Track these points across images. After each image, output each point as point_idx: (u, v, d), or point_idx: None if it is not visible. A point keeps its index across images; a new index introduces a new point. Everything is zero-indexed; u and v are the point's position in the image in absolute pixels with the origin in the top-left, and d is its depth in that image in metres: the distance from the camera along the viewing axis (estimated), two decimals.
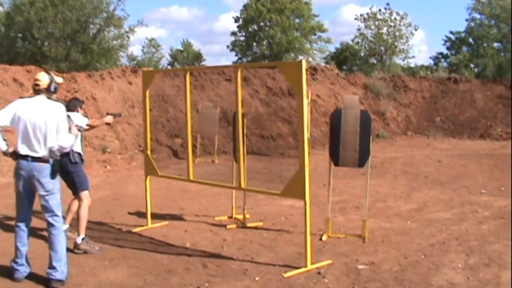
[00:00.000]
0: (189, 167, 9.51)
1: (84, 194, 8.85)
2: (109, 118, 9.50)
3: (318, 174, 15.05)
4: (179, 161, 19.52)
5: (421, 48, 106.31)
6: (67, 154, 8.25)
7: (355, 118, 9.40)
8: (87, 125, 9.08)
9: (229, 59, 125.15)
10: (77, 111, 9.05)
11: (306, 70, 7.45)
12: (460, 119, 32.46)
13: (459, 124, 32.13)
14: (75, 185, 8.85)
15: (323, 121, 26.58)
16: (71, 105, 9.02)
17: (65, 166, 8.47)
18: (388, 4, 71.10)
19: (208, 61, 74.40)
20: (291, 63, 8.38)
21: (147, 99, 10.23)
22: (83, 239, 8.69)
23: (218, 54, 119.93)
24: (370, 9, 59.40)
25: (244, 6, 58.51)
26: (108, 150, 18.57)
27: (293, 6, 57.16)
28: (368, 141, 9.41)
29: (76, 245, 8.66)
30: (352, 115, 9.42)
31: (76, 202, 9.00)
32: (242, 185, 8.70)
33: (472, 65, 52.62)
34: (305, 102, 7.53)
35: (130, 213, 11.54)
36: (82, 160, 8.95)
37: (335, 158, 9.53)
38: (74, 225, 8.95)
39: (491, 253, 8.82)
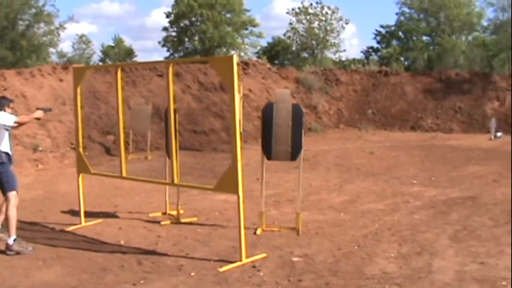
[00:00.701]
0: (122, 164, 9.43)
1: (12, 195, 8.63)
2: (39, 113, 9.26)
3: (251, 168, 15.04)
4: (111, 158, 19.30)
5: (352, 42, 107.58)
6: None
7: (287, 112, 9.44)
8: (15, 122, 8.88)
9: (161, 54, 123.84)
10: (5, 110, 8.85)
11: (238, 64, 7.45)
12: (391, 111, 32.99)
13: (390, 116, 32.66)
14: (3, 185, 8.67)
15: (256, 116, 26.62)
16: None
17: None
18: None
19: (140, 57, 73.74)
20: (223, 58, 8.38)
21: (79, 96, 10.10)
22: (14, 240, 8.49)
23: (150, 50, 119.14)
24: (301, 3, 59.64)
25: (176, 1, 58.08)
26: (40, 148, 18.27)
27: (224, 1, 56.99)
28: (300, 134, 9.46)
29: (8, 247, 8.47)
30: (284, 109, 9.46)
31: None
32: (175, 181, 8.66)
33: (402, 59, 53.45)
34: (237, 96, 7.54)
35: (63, 212, 11.35)
36: (10, 160, 8.76)
37: (268, 152, 9.56)
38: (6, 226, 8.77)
39: (422, 242, 9.00)
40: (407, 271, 7.55)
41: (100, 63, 62.16)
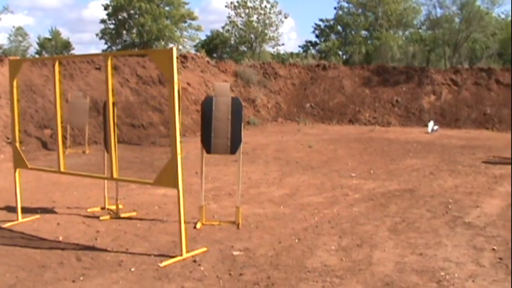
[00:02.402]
0: (60, 159, 9.27)
1: None
2: None
3: (190, 162, 15.03)
4: (49, 152, 18.98)
5: (290, 36, 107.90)
6: None
7: (226, 105, 9.42)
8: None
9: (98, 47, 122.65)
10: None
11: (177, 58, 7.41)
12: (329, 105, 33.22)
13: (328, 109, 32.90)
14: None
15: (194, 109, 26.57)
16: None
17: None
18: None
19: (77, 50, 73.07)
20: (162, 50, 8.30)
21: (15, 90, 9.90)
22: None
23: (87, 42, 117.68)
24: None
25: None
26: None
27: None
28: (240, 128, 9.45)
29: None
30: (224, 102, 9.44)
31: None
32: (114, 175, 8.56)
33: (340, 53, 53.94)
34: (176, 89, 7.48)
35: None
36: None
37: (207, 145, 9.52)
38: None
39: (362, 234, 9.09)
40: (348, 264, 7.62)
41: (37, 56, 61.18)
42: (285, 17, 56.13)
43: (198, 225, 9.54)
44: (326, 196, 12.27)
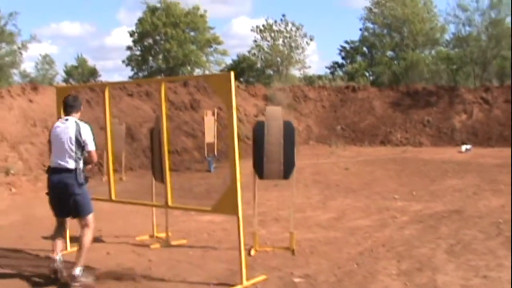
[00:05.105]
0: (111, 187, 9.18)
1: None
2: None
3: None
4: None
5: (312, 59, 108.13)
6: None
7: (278, 129, 9.27)
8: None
9: (122, 74, 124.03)
10: (73, 115, 8.23)
11: (207, 83, 7.30)
12: (360, 126, 33.13)
13: (360, 131, 32.79)
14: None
15: (226, 134, 26.43)
16: None
17: None
18: (283, 15, 72.15)
19: (102, 77, 73.00)
20: (219, 75, 8.20)
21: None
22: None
23: (111, 70, 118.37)
24: (265, 20, 59.52)
25: (139, 20, 57.91)
26: (12, 171, 17.82)
27: (188, 19, 56.96)
28: (293, 152, 9.29)
29: (73, 278, 7.76)
30: (276, 126, 9.29)
31: None
32: (170, 203, 8.42)
33: (367, 74, 53.76)
34: (234, 114, 7.35)
35: (44, 238, 10.78)
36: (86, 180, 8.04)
37: (260, 170, 9.35)
38: None
39: (420, 257, 8.88)
40: None
41: (64, 84, 61.45)
42: (311, 40, 55.85)
43: (252, 252, 9.34)
44: (374, 219, 12.09)
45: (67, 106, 8.33)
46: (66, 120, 8.14)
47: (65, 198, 7.89)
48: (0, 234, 9.07)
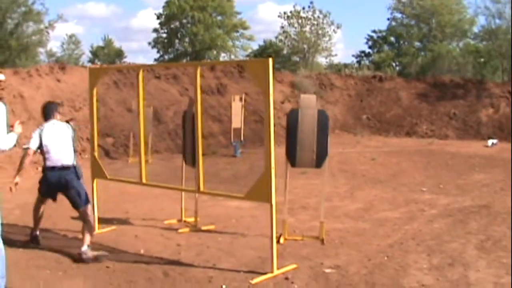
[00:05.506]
0: (142, 170, 9.15)
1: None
2: None
3: (255, 175, 14.83)
4: (111, 161, 19.01)
5: (338, 47, 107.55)
6: None
7: (312, 117, 9.19)
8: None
9: (146, 56, 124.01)
10: (55, 117, 8.88)
11: (234, 67, 7.20)
12: (386, 116, 32.91)
13: (385, 121, 32.58)
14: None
15: (253, 120, 26.38)
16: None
17: None
18: (311, 2, 71.84)
19: (128, 59, 73.00)
20: (257, 61, 8.10)
21: (94, 99, 9.83)
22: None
23: (135, 51, 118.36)
24: (293, 7, 59.09)
25: (167, 2, 57.75)
26: (39, 151, 17.80)
27: (216, 4, 56.80)
28: (326, 141, 9.22)
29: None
30: (310, 114, 9.21)
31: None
32: (201, 188, 8.37)
33: (394, 64, 53.39)
34: (271, 101, 7.27)
35: (73, 218, 10.74)
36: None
37: (292, 158, 9.29)
38: None
39: (451, 252, 8.77)
40: (446, 284, 7.32)
41: (89, 64, 61.61)
42: (338, 27, 55.28)
43: (281, 240, 9.27)
44: (402, 211, 12.01)
45: (49, 111, 8.92)
46: (53, 124, 8.76)
47: (65, 193, 8.64)
48: (29, 211, 9.05)
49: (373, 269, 7.90)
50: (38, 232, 9.13)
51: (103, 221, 10.36)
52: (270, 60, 7.20)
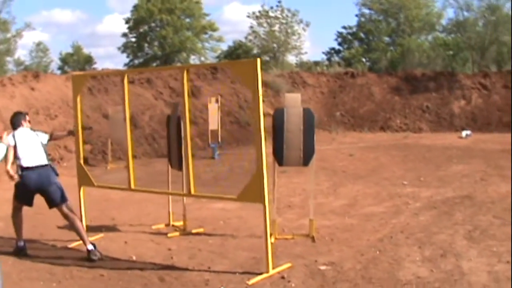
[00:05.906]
0: (130, 175, 9.11)
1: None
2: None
3: (235, 175, 14.89)
4: (90, 168, 18.61)
5: (305, 45, 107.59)
6: None
7: (298, 116, 9.23)
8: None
9: (113, 61, 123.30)
10: (23, 126, 9.03)
11: (207, 70, 7.23)
12: (360, 112, 33.10)
13: (359, 117, 32.76)
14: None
15: (228, 121, 26.39)
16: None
17: None
18: (279, 1, 71.99)
19: (96, 65, 72.44)
20: (245, 62, 8.06)
21: (79, 106, 9.79)
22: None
23: (102, 57, 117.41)
24: (261, 6, 59.11)
25: (135, 6, 57.53)
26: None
27: (184, 6, 56.65)
28: (312, 139, 9.25)
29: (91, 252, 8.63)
30: (295, 113, 9.25)
31: None
32: (192, 191, 8.36)
33: (364, 60, 53.65)
34: (261, 102, 7.28)
35: (59, 227, 10.64)
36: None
37: (279, 157, 9.30)
38: None
39: (441, 244, 8.88)
40: (441, 275, 7.38)
41: (58, 72, 61.05)
42: (307, 26, 55.29)
43: (272, 240, 9.28)
44: (387, 206, 12.12)
45: (17, 121, 9.07)
46: (23, 130, 8.98)
47: (46, 189, 8.77)
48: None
49: (367, 264, 7.95)
50: (23, 243, 9.07)
51: (90, 229, 10.20)
52: (259, 60, 7.21)
